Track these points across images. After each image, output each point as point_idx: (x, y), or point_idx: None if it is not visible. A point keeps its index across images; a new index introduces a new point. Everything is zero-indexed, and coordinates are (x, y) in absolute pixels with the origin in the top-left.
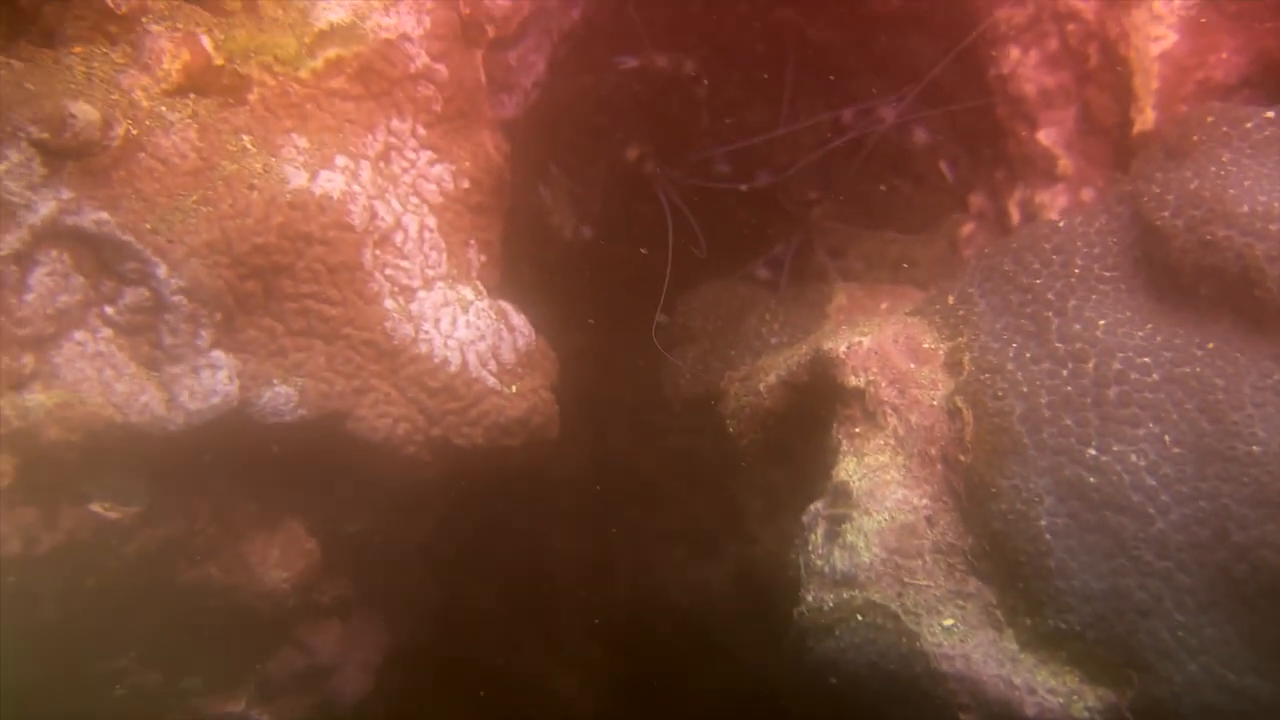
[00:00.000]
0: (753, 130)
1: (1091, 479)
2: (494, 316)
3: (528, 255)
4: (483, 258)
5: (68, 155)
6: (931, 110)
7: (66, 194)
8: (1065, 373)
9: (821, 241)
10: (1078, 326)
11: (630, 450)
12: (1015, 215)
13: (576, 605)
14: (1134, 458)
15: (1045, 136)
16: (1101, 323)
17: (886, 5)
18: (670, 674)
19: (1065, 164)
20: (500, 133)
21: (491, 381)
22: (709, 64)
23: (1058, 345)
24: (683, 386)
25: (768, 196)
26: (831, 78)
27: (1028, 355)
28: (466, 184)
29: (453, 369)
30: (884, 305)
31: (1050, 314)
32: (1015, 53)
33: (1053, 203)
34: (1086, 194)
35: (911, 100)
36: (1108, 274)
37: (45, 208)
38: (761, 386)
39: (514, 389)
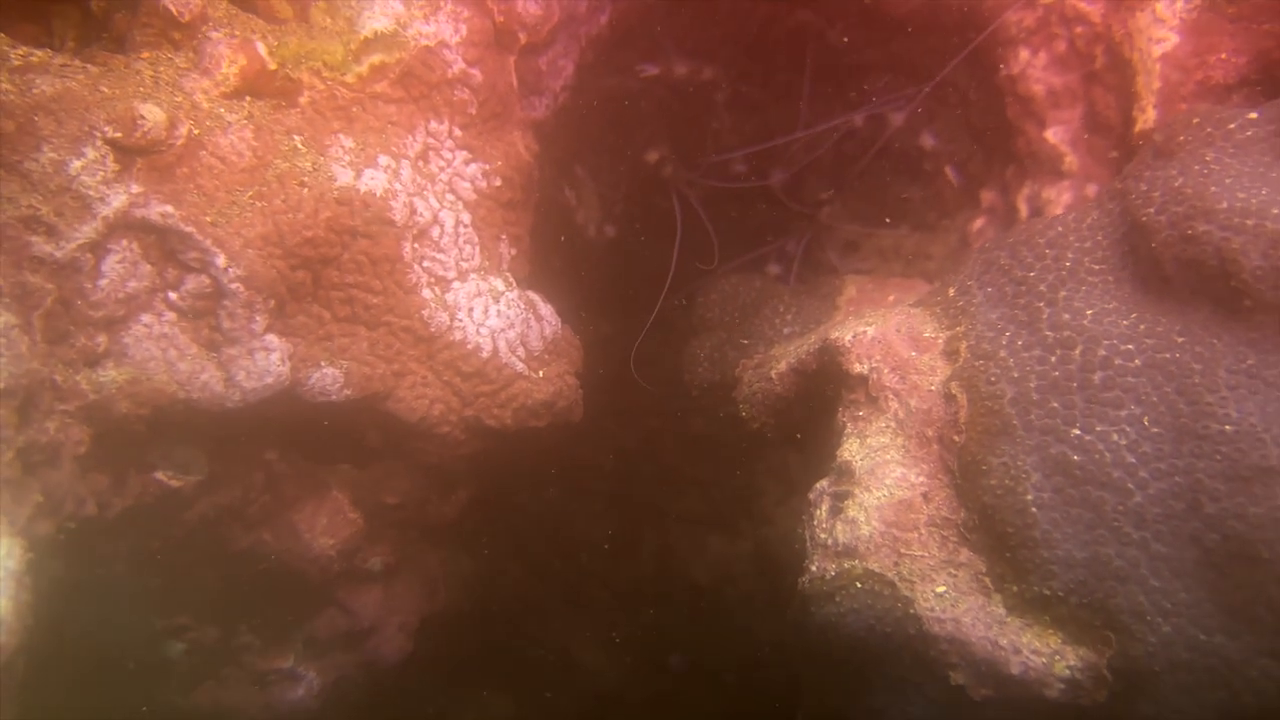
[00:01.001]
0: (772, 130)
1: (1075, 456)
2: (523, 306)
3: (554, 250)
4: (513, 251)
5: (137, 153)
6: (939, 110)
7: (136, 188)
8: (1054, 359)
9: (830, 239)
10: (1067, 316)
11: (653, 433)
12: (1024, 210)
13: (602, 580)
14: (1115, 437)
15: (1053, 135)
16: (1089, 312)
17: (902, 8)
18: (691, 646)
19: (1071, 161)
20: (530, 133)
21: (520, 367)
22: (731, 65)
23: (1048, 333)
24: (700, 373)
25: (781, 196)
26: (849, 78)
27: (1019, 343)
28: (499, 182)
29: (485, 355)
30: (891, 297)
31: (1042, 304)
32: (1025, 54)
33: (1058, 198)
34: (1091, 190)
35: (919, 102)
36: (1097, 267)
37: (117, 200)
38: (773, 373)
39: (541, 374)
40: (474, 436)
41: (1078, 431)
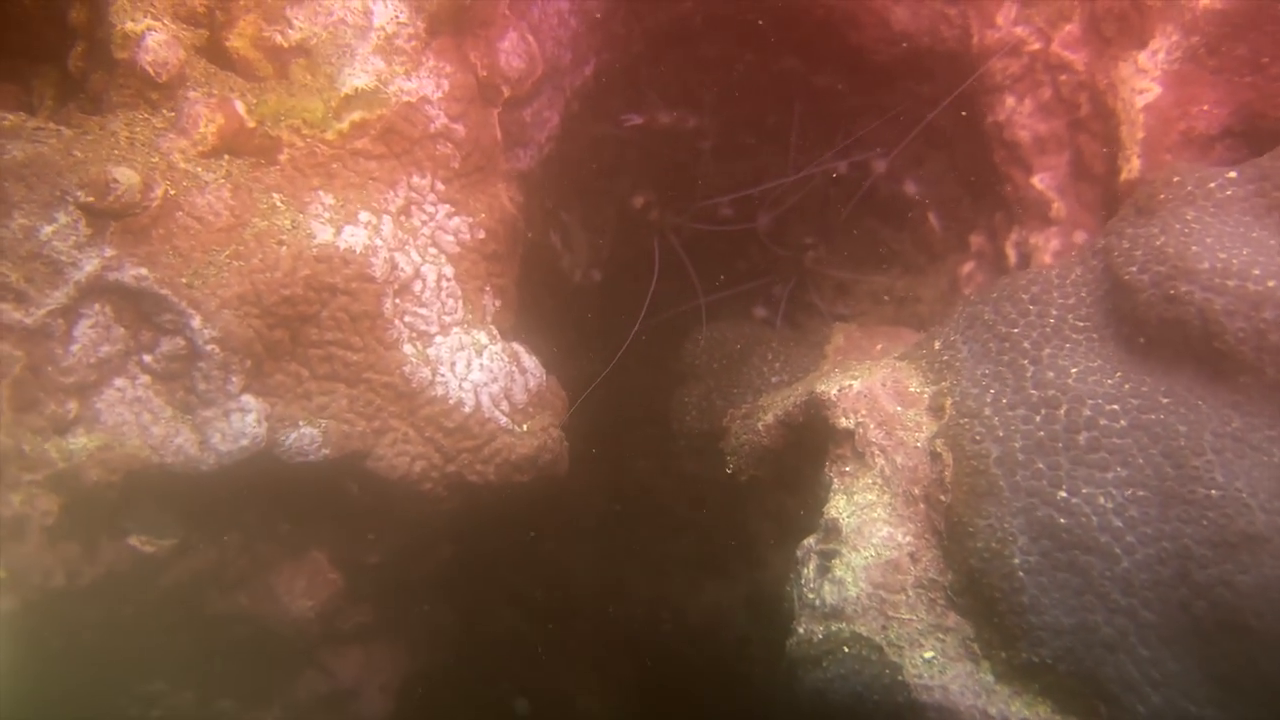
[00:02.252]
0: (758, 174)
1: (1062, 520)
2: (506, 359)
3: (540, 296)
4: (497, 303)
5: (111, 216)
6: (925, 154)
7: (109, 252)
8: (1039, 418)
9: (818, 283)
10: (1051, 374)
11: (644, 475)
12: (1012, 256)
13: (594, 626)
14: (1102, 500)
15: (1040, 181)
16: (1074, 371)
17: (884, 55)
18: (686, 692)
19: (1059, 208)
20: (515, 184)
21: (503, 421)
22: (716, 111)
23: (1032, 392)
24: (689, 422)
25: (766, 240)
26: (836, 123)
27: (1004, 401)
28: (482, 234)
29: (467, 410)
30: (879, 347)
31: (1026, 362)
32: (1011, 101)
33: (1046, 245)
34: (1079, 237)
35: (901, 149)
36: (1081, 324)
37: (89, 265)
38: (760, 425)
39: (525, 428)
40: (456, 493)
41: (1064, 494)
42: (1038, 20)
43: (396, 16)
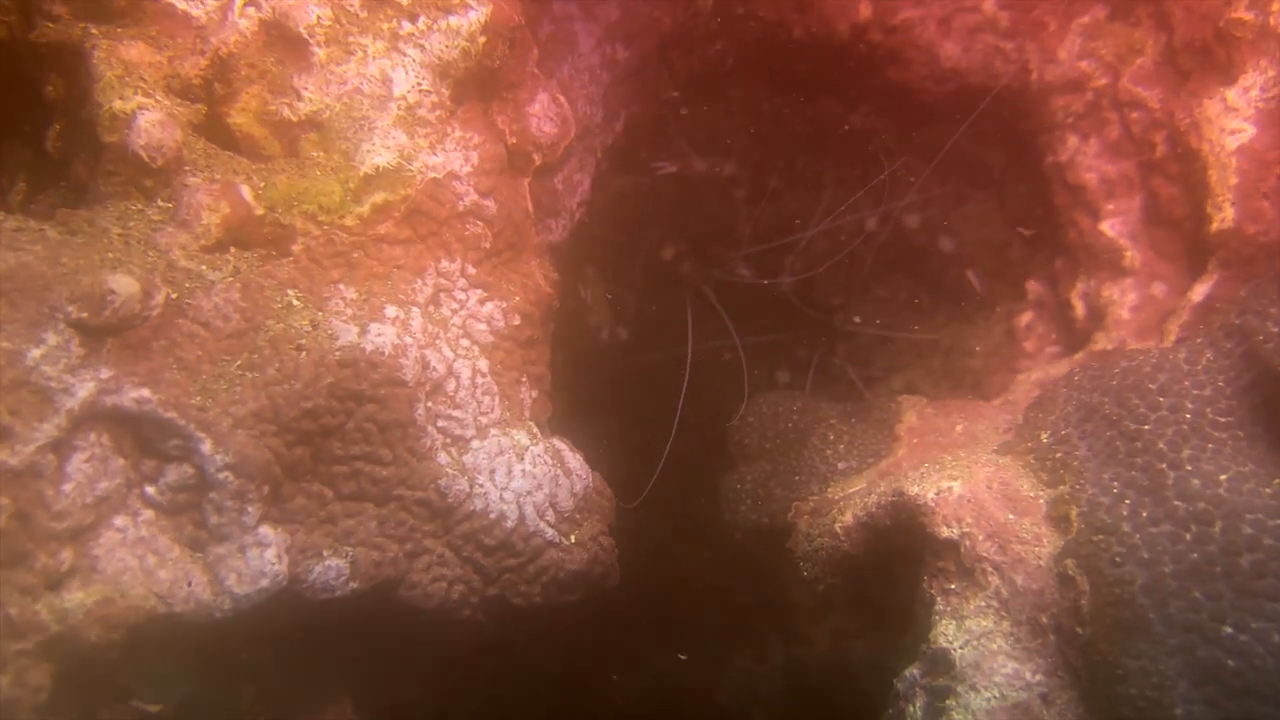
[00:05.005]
0: (792, 220)
1: (1230, 662)
2: (550, 461)
3: (571, 357)
4: (534, 393)
5: (107, 332)
6: (969, 193)
7: (105, 373)
8: (1189, 537)
9: (847, 345)
10: (1197, 483)
11: (667, 538)
12: (1079, 308)
13: (616, 708)
14: (1277, 636)
15: (1110, 227)
16: (1223, 478)
17: (932, 93)
18: None
19: (1133, 256)
20: (548, 259)
21: (550, 534)
22: (745, 156)
23: (1177, 504)
24: (743, 513)
25: (794, 298)
26: (873, 164)
27: (1144, 515)
28: (517, 320)
29: (509, 524)
30: (958, 427)
31: (1164, 466)
32: (1074, 140)
33: (1122, 298)
34: (1158, 289)
35: (935, 190)
36: (1222, 420)
37: (83, 390)
38: (838, 527)
39: (573, 538)
40: (498, 618)
41: (1230, 629)
42: (1105, 53)
43: (419, 84)
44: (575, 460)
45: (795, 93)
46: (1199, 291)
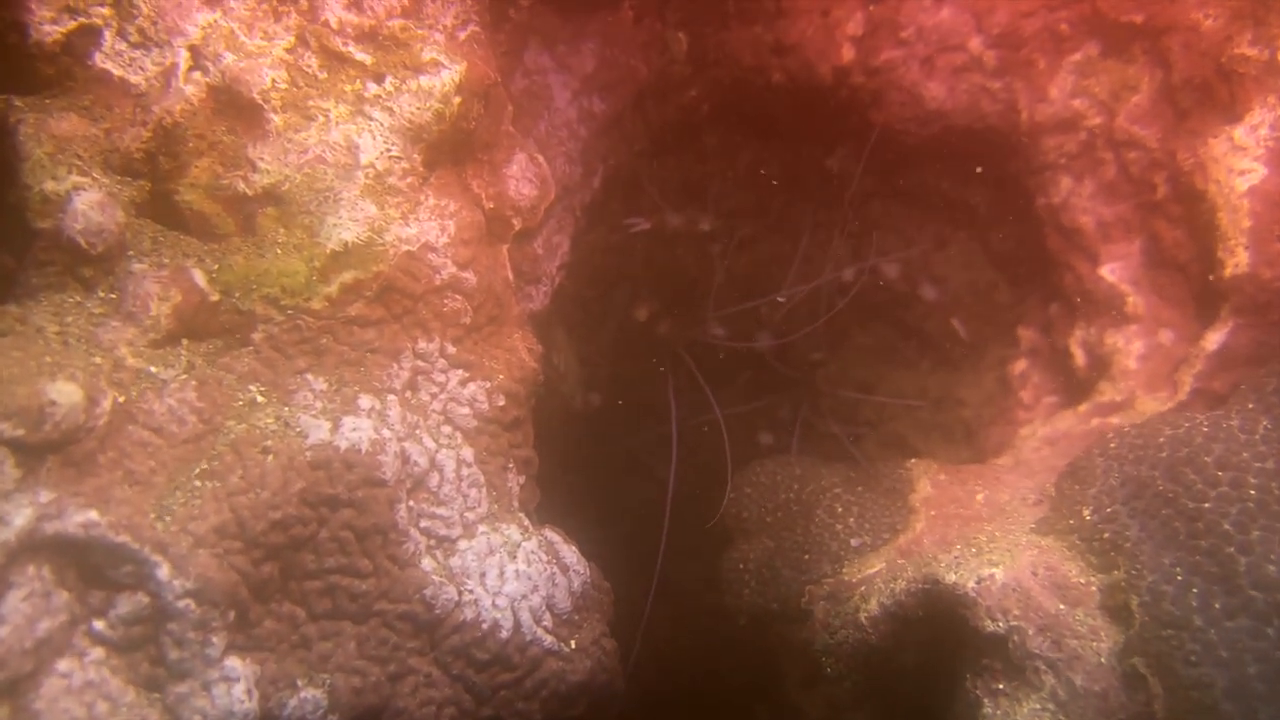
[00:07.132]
0: (769, 271)
1: None
2: (544, 559)
3: (550, 430)
4: (521, 479)
5: (47, 450)
6: (952, 237)
7: (45, 496)
8: (1272, 632)
9: (827, 401)
10: (1273, 569)
11: (675, 634)
12: (1079, 356)
13: None
14: None
15: (1110, 272)
16: None
17: (917, 136)
18: None
19: (1135, 302)
20: (530, 329)
21: (548, 641)
22: (719, 203)
23: (1253, 594)
24: (747, 597)
25: (772, 359)
26: (852, 209)
27: (1217, 606)
28: (501, 401)
29: (504, 635)
30: (979, 496)
31: (1233, 550)
32: (1067, 181)
33: (1128, 347)
34: (1165, 337)
35: (917, 253)
36: None
37: (20, 518)
38: (863, 617)
39: (573, 644)
40: None
41: None
42: (1098, 91)
43: (388, 150)
44: (571, 553)
45: (773, 139)
46: (1212, 340)
